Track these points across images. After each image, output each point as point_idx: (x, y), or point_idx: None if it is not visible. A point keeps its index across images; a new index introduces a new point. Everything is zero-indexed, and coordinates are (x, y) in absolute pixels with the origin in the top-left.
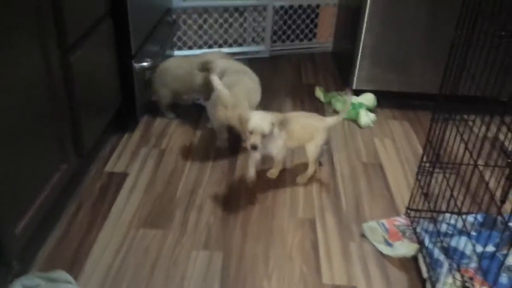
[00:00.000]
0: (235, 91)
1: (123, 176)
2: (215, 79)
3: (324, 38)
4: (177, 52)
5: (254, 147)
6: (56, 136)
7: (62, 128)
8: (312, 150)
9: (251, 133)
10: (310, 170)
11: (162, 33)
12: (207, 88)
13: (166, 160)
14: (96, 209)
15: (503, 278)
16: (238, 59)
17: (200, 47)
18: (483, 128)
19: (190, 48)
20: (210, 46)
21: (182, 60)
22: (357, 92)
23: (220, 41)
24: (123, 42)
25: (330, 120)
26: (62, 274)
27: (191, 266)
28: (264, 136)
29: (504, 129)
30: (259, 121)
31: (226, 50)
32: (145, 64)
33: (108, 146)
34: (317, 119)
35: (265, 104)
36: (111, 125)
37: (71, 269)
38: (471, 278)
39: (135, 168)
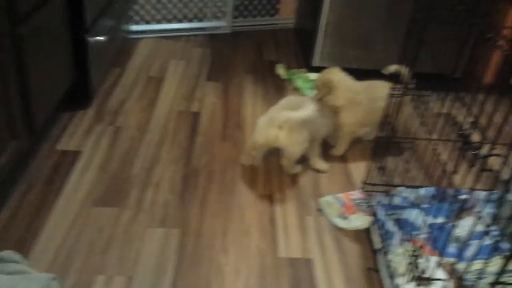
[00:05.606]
0: None
1: (76, 154)
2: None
3: (286, 15)
4: (134, 27)
5: None
6: (5, 112)
7: (12, 104)
8: None
9: None
10: None
11: (118, 7)
12: None
13: (122, 138)
14: (47, 188)
15: (451, 248)
16: (198, 35)
17: (158, 22)
18: (438, 104)
19: (147, 22)
20: (169, 21)
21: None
22: (318, 69)
23: (180, 16)
24: (77, 15)
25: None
26: (10, 254)
27: (147, 243)
28: None
29: (457, 104)
30: None
31: (185, 25)
32: (100, 38)
33: (61, 124)
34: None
35: (225, 81)
36: (64, 102)
37: (21, 249)
38: (421, 248)
39: (89, 146)
